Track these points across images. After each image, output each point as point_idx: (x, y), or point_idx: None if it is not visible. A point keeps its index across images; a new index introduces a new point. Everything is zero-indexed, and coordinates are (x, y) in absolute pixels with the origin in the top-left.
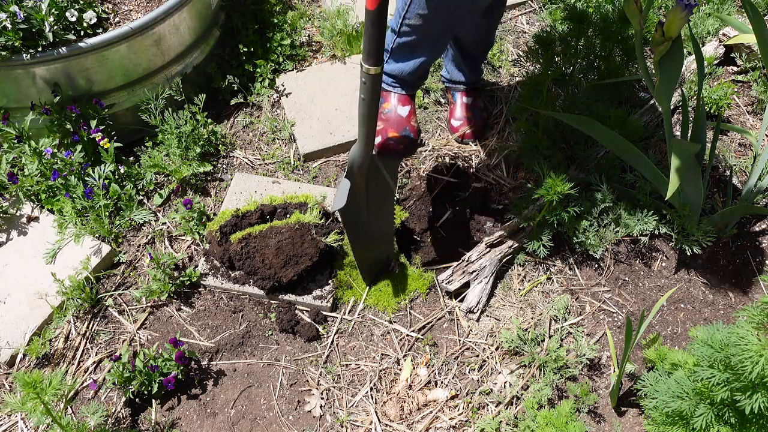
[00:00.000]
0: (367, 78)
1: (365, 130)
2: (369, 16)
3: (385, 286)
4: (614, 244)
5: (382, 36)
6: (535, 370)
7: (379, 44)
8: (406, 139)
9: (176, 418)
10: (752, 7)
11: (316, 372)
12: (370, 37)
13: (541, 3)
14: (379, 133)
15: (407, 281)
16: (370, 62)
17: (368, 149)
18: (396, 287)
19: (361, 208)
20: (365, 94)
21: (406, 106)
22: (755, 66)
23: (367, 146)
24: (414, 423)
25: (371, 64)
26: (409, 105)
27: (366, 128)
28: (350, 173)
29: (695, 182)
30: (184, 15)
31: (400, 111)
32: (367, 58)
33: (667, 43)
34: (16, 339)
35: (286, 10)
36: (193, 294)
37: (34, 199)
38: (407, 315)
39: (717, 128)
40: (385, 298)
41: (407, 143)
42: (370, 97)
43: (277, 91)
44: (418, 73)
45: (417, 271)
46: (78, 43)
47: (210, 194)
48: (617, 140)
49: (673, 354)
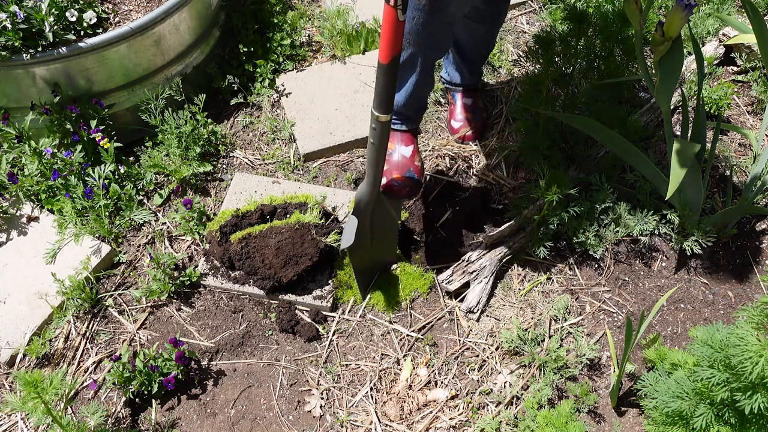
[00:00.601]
0: (377, 125)
1: (373, 172)
2: (381, 69)
3: (386, 285)
4: (614, 244)
5: (393, 87)
6: (535, 370)
7: (390, 94)
8: (410, 180)
9: (176, 418)
10: (752, 7)
11: (316, 372)
12: (382, 87)
13: (541, 3)
14: (384, 174)
15: (408, 281)
16: (380, 110)
17: (375, 189)
18: (396, 287)
19: (366, 239)
20: (374, 139)
21: (409, 146)
22: (755, 66)
23: (374, 187)
24: (414, 423)
25: (381, 112)
26: (411, 144)
27: (374, 170)
28: (357, 210)
29: (695, 182)
30: (184, 15)
31: (403, 151)
32: (377, 107)
33: (667, 43)
34: (16, 339)
35: (286, 10)
36: (193, 294)
37: (34, 199)
38: (407, 315)
39: (717, 128)
40: (386, 298)
41: (411, 185)
42: (379, 141)
43: (277, 91)
44: (413, 101)
45: (418, 271)
46: (78, 43)
47: (210, 194)
48: (617, 140)
49: (673, 354)
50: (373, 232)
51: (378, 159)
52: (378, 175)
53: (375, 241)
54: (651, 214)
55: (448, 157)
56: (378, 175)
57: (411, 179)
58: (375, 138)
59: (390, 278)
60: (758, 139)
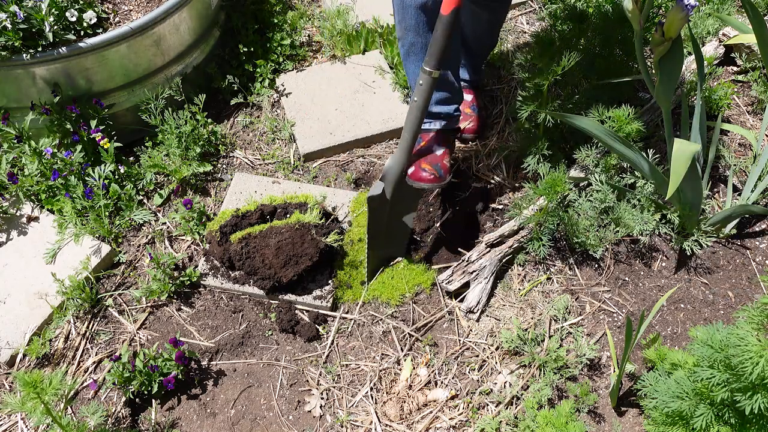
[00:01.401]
0: (425, 79)
1: (408, 136)
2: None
3: (389, 278)
4: (614, 244)
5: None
6: (535, 370)
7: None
8: (436, 172)
9: (176, 418)
10: (752, 7)
11: (316, 372)
12: (435, 41)
13: (541, 3)
14: (413, 163)
15: (411, 275)
16: (430, 64)
17: (405, 157)
18: (400, 280)
19: (384, 212)
20: (418, 96)
21: (442, 147)
22: (755, 66)
23: (404, 154)
24: (414, 423)
25: (431, 66)
26: (444, 147)
27: (410, 134)
28: (384, 178)
29: (695, 182)
30: (184, 15)
31: (435, 149)
32: (429, 60)
33: (667, 43)
34: (16, 339)
35: (286, 10)
36: (193, 294)
37: (34, 199)
38: (410, 311)
39: (717, 128)
40: (389, 290)
41: (437, 177)
42: (421, 99)
43: (277, 91)
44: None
45: (420, 267)
46: (78, 43)
47: (210, 194)
48: (617, 140)
49: (673, 354)
50: (391, 208)
51: (417, 120)
52: (412, 141)
53: (390, 227)
54: (651, 214)
55: None
56: (412, 140)
57: (437, 171)
58: (419, 95)
59: (393, 272)
60: (758, 139)
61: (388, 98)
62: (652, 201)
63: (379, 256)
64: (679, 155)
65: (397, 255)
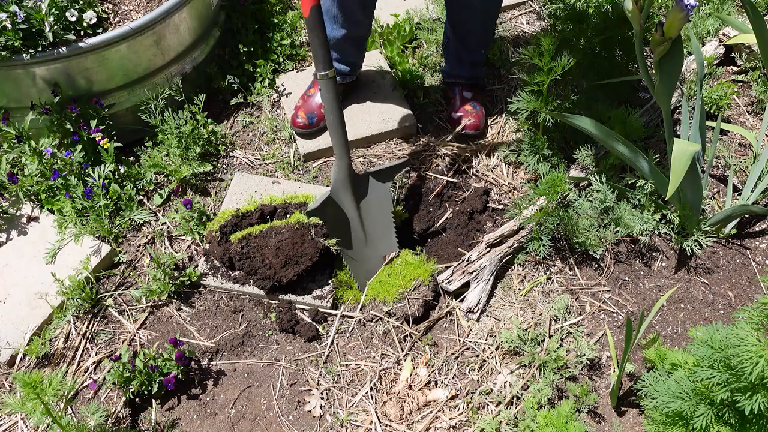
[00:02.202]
0: (322, 84)
1: (335, 141)
2: (306, 25)
3: (386, 276)
4: (614, 244)
5: (325, 40)
6: (535, 370)
7: (324, 49)
8: (308, 120)
9: (176, 418)
10: (752, 7)
11: (316, 372)
12: (312, 43)
13: (541, 3)
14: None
15: (408, 270)
16: (319, 69)
17: (344, 162)
18: (397, 277)
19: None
20: (324, 101)
21: None
22: (755, 66)
23: (342, 159)
24: (414, 423)
25: (320, 69)
26: None
27: (336, 139)
28: (333, 188)
29: (695, 182)
30: (184, 15)
31: (318, 98)
32: (317, 66)
33: (667, 43)
34: (16, 339)
35: (286, 10)
36: (193, 294)
37: (34, 199)
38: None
39: (717, 128)
40: (386, 288)
41: (307, 124)
42: (329, 104)
43: (277, 91)
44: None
45: (418, 260)
46: (78, 43)
47: (210, 194)
48: (617, 140)
49: (673, 354)
50: (364, 224)
51: (335, 123)
52: (342, 146)
53: (369, 233)
54: (651, 214)
55: (448, 157)
56: (342, 145)
57: (308, 120)
58: (325, 101)
59: (391, 270)
60: (758, 139)
61: (388, 98)
62: (652, 201)
63: (366, 263)
64: (679, 155)
65: (391, 251)
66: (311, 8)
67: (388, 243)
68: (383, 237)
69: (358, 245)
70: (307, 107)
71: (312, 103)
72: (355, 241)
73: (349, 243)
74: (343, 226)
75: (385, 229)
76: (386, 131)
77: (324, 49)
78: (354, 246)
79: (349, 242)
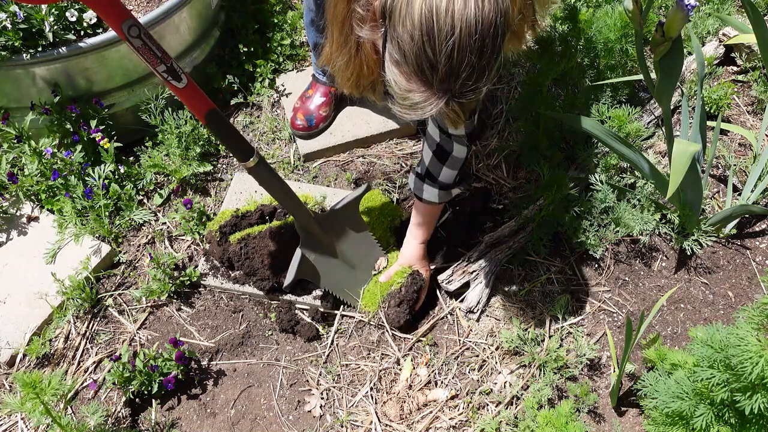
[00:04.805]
0: (251, 174)
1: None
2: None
3: (373, 284)
4: (614, 244)
5: (232, 134)
6: (535, 370)
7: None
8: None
9: (176, 418)
10: (752, 7)
11: (316, 372)
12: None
13: None
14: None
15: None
16: (240, 161)
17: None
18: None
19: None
20: (262, 186)
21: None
22: (755, 66)
23: (302, 220)
24: (414, 423)
25: (241, 161)
26: (325, 97)
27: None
28: (304, 242)
29: (695, 182)
30: (184, 15)
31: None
32: (238, 158)
33: (667, 43)
34: (16, 339)
35: (286, 10)
36: (193, 294)
37: (34, 199)
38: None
39: (717, 128)
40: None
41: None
42: (265, 186)
43: (277, 91)
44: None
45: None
46: (78, 43)
47: (210, 194)
48: (617, 140)
49: (673, 354)
50: (347, 254)
51: (280, 197)
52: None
53: (354, 258)
54: (651, 214)
55: None
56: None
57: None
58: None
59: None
60: (758, 139)
61: None
62: (652, 201)
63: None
64: (679, 155)
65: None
66: (205, 115)
67: (375, 254)
68: (368, 254)
69: (347, 274)
70: (306, 109)
71: (310, 105)
72: (343, 273)
73: (339, 280)
74: (327, 269)
75: (367, 246)
76: (386, 131)
77: (236, 141)
78: (344, 276)
79: (338, 280)
